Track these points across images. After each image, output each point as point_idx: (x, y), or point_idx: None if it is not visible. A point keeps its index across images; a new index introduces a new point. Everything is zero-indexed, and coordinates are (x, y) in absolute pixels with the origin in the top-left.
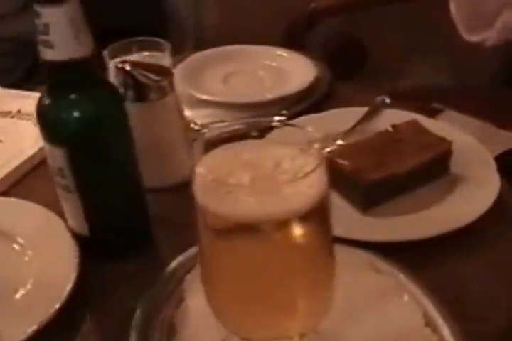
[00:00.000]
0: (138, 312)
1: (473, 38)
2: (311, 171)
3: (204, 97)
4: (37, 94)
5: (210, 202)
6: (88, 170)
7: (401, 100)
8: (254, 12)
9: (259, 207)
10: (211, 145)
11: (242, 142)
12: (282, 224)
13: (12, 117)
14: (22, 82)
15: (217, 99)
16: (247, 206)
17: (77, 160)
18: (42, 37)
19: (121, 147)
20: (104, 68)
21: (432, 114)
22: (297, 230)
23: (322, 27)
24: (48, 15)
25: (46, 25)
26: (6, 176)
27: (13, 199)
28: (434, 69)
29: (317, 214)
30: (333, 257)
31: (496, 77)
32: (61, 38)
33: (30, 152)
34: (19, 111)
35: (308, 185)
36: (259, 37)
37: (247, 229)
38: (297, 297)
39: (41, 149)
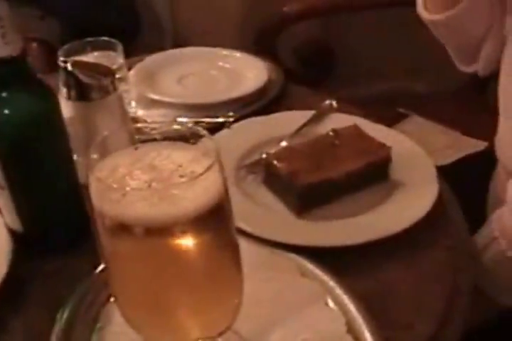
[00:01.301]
0: (64, 309)
1: (467, 69)
2: (203, 173)
3: (156, 97)
4: None
5: (103, 204)
6: (17, 167)
7: (367, 105)
8: (226, 13)
9: (151, 210)
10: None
11: (148, 144)
12: (172, 227)
13: None
14: None
15: (169, 99)
16: (138, 209)
17: (7, 157)
18: None
19: (52, 145)
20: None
21: (397, 118)
22: (188, 234)
23: (292, 31)
24: None
25: None
26: None
27: None
28: (406, 74)
29: (213, 218)
30: (236, 261)
31: (464, 83)
32: None
33: None
34: None
35: (201, 188)
36: (231, 39)
37: (138, 231)
38: (192, 302)
39: None
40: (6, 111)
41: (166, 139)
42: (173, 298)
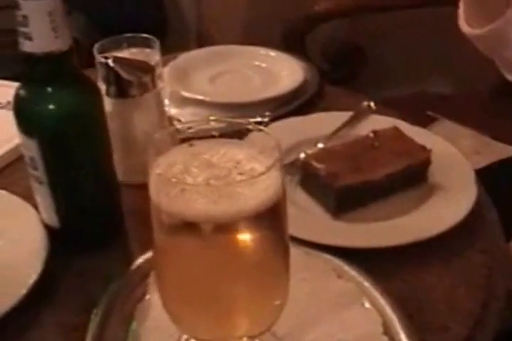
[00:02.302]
0: (99, 306)
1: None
2: (265, 171)
3: (190, 95)
4: None
5: (162, 199)
6: (59, 162)
7: (396, 106)
8: (253, 12)
9: (211, 207)
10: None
11: (205, 141)
12: (232, 224)
13: (1, 108)
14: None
15: (203, 97)
16: (198, 205)
17: (49, 152)
18: (21, 28)
19: (94, 141)
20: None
21: (426, 122)
22: (247, 232)
23: (321, 30)
24: (28, 7)
25: (25, 17)
26: None
27: None
28: (434, 77)
29: (269, 217)
30: (287, 261)
31: (496, 87)
32: (39, 30)
33: (13, 143)
34: (9, 102)
35: (263, 186)
36: (258, 37)
37: (197, 228)
38: (245, 299)
39: None
40: (51, 106)
41: (220, 136)
42: (224, 294)
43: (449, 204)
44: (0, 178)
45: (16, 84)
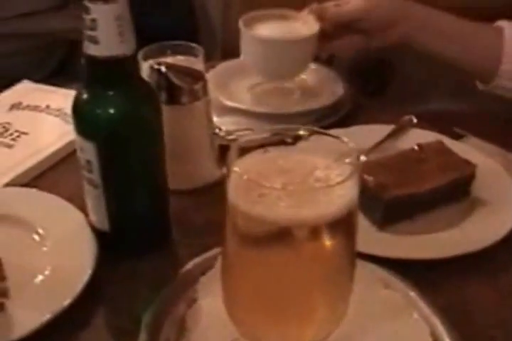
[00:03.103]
0: (150, 310)
1: None
2: (345, 179)
3: (231, 104)
4: (65, 91)
5: (241, 203)
6: (116, 166)
7: (422, 123)
8: None
9: (290, 211)
10: (245, 149)
11: (277, 148)
12: (311, 229)
13: (40, 111)
14: (50, 78)
15: (246, 107)
16: (278, 209)
17: (106, 156)
18: (88, 32)
19: (152, 146)
20: None
21: (453, 138)
22: (325, 237)
23: None
24: (97, 11)
25: (93, 21)
26: (30, 169)
27: (35, 191)
28: (458, 94)
29: (345, 223)
30: (354, 268)
31: None
32: (106, 34)
33: (56, 147)
34: (47, 106)
35: (340, 193)
36: None
37: (276, 232)
38: (316, 306)
39: (67, 145)
40: (111, 110)
41: (293, 143)
42: (296, 301)
43: (492, 219)
44: (41, 181)
45: (51, 88)
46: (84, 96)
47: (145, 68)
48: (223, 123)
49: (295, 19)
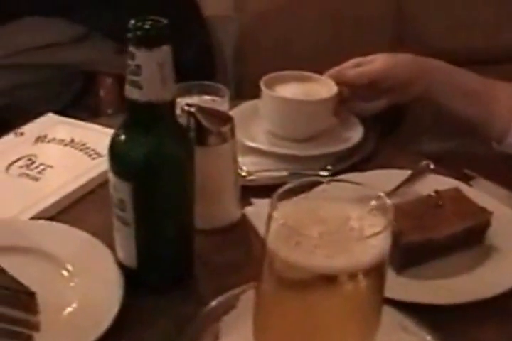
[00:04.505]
0: None
1: None
2: (380, 232)
3: (252, 145)
4: (89, 125)
5: (279, 249)
6: (149, 205)
7: (439, 168)
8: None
9: (326, 260)
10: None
11: (310, 196)
12: (345, 277)
13: (65, 145)
14: (65, 110)
15: (264, 148)
16: (315, 257)
17: (141, 196)
18: (131, 77)
19: (184, 188)
20: None
21: (463, 180)
22: (357, 284)
23: None
24: (142, 57)
25: (138, 67)
26: (56, 202)
27: (62, 225)
28: (467, 133)
29: (377, 271)
30: (381, 312)
31: None
32: (149, 80)
33: (81, 182)
34: (72, 140)
35: (374, 244)
36: None
37: (312, 279)
38: None
39: (91, 180)
40: (147, 152)
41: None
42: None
43: (506, 267)
44: (66, 216)
45: (75, 122)
46: (122, 137)
47: None
48: (244, 163)
49: (315, 81)
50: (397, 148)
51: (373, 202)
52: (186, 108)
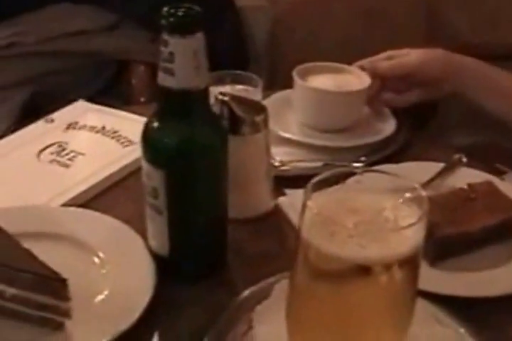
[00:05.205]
0: (206, 337)
1: None
2: (415, 223)
3: (285, 135)
4: (120, 113)
5: (314, 239)
6: (182, 193)
7: (471, 161)
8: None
9: (360, 250)
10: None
11: (344, 187)
12: (379, 268)
13: (97, 132)
14: (95, 97)
15: (297, 138)
16: (349, 247)
17: (174, 184)
18: (165, 64)
19: (217, 176)
20: None
21: (494, 174)
22: (392, 275)
23: None
24: (175, 44)
25: (171, 54)
26: (87, 190)
27: (94, 212)
28: (497, 129)
29: (411, 262)
30: (415, 304)
31: None
32: (183, 67)
33: (112, 169)
34: (104, 128)
35: (409, 234)
36: None
37: (346, 269)
38: (381, 338)
39: (123, 168)
40: (183, 140)
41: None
42: (359, 332)
43: None
44: (98, 203)
45: (107, 109)
46: (155, 124)
47: None
48: (276, 153)
49: (348, 72)
50: (430, 141)
51: (408, 193)
52: (220, 97)
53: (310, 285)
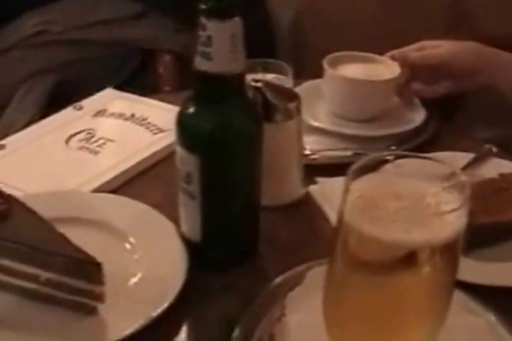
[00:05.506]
0: (239, 323)
1: None
2: (458, 208)
3: (315, 124)
4: (149, 101)
5: (356, 223)
6: (216, 179)
7: (501, 152)
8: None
9: (403, 235)
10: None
11: (384, 172)
12: (422, 253)
13: (126, 120)
14: (122, 86)
15: (327, 127)
16: (392, 232)
17: (208, 168)
18: (202, 48)
19: (252, 161)
20: None
21: None
22: (434, 261)
23: None
24: (213, 28)
25: (209, 38)
26: (117, 176)
27: (125, 198)
28: None
29: (452, 249)
30: (453, 292)
31: None
32: (221, 51)
33: (142, 156)
34: (133, 115)
35: (451, 220)
36: None
37: (388, 255)
38: (420, 326)
39: (153, 154)
40: (216, 124)
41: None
42: (398, 320)
43: None
44: (128, 189)
45: (135, 97)
46: (190, 109)
47: None
48: (307, 142)
49: (377, 62)
50: (458, 132)
51: (449, 179)
52: (253, 83)
53: (348, 272)
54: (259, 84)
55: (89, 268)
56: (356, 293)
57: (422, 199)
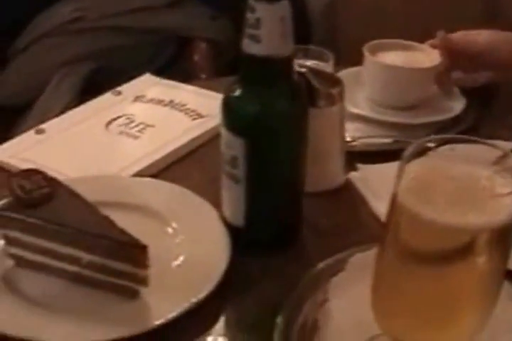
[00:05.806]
0: (282, 308)
1: None
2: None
3: (355, 111)
4: (188, 87)
5: (411, 204)
6: (261, 163)
7: None
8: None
9: (459, 218)
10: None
11: (437, 154)
12: (477, 235)
13: (165, 106)
14: (159, 73)
15: (367, 114)
16: (447, 215)
17: (254, 153)
18: (251, 31)
19: (297, 146)
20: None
21: None
22: (489, 245)
23: None
24: (262, 10)
25: (258, 20)
26: (158, 161)
27: (166, 183)
28: None
29: (506, 233)
30: (502, 283)
31: None
32: (270, 33)
33: (182, 141)
34: (172, 101)
35: (507, 203)
36: None
37: (443, 235)
38: (470, 314)
39: (193, 140)
40: (265, 107)
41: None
42: (449, 307)
43: None
44: (169, 174)
45: (173, 83)
46: (237, 92)
47: None
48: (347, 129)
49: (417, 50)
50: (496, 121)
51: (499, 163)
52: (297, 68)
53: (400, 264)
54: (303, 70)
55: (133, 251)
56: (408, 284)
57: (477, 182)
